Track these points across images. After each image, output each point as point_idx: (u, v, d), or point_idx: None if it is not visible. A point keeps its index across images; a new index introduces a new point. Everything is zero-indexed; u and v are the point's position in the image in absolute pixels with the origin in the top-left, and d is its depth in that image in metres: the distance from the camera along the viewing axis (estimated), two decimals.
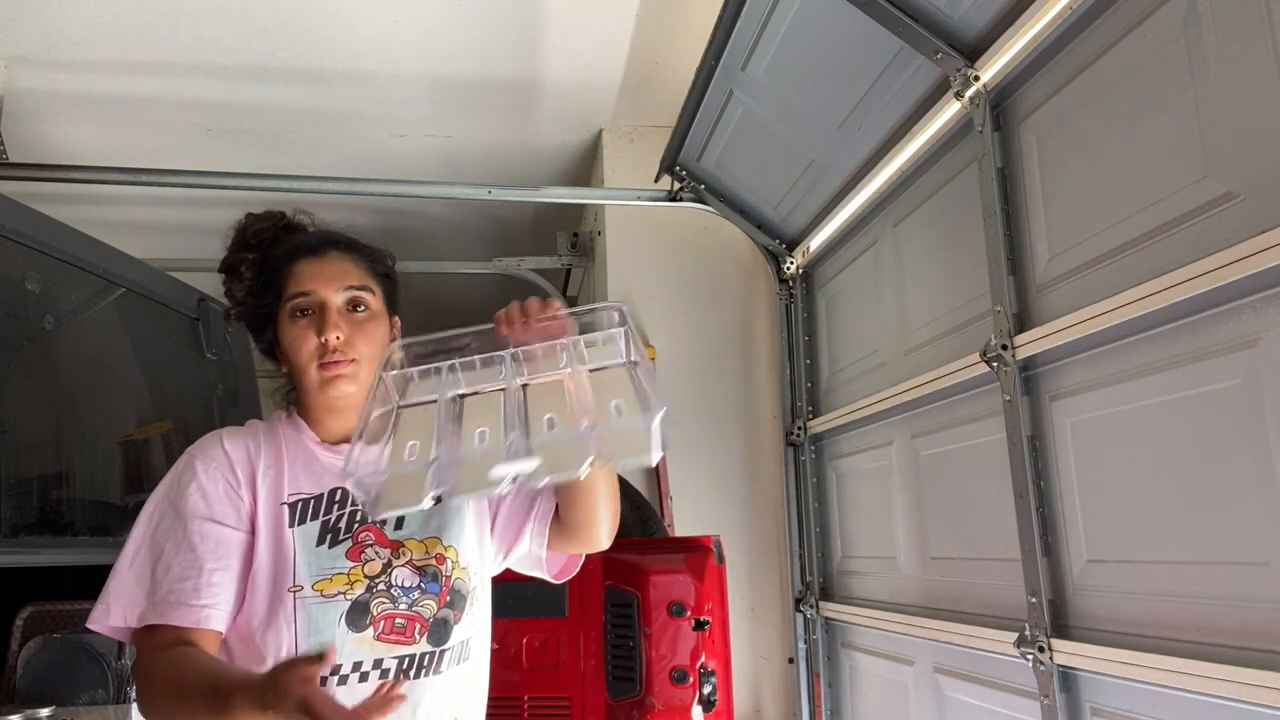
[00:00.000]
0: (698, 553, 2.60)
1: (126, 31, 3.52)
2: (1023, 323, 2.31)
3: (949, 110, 2.58)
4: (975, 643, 2.47)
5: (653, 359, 4.10)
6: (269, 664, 1.27)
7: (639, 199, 3.98)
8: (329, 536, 1.36)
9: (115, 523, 2.52)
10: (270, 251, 1.53)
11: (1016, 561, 2.27)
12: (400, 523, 1.41)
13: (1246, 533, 1.67)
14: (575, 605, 2.59)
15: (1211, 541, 1.75)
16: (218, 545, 1.32)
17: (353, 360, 1.42)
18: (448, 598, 1.41)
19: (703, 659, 2.44)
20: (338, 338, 1.41)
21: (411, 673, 1.35)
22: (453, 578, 1.42)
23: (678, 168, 3.79)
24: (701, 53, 3.05)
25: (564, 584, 2.63)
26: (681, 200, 3.87)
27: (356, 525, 1.38)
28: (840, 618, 3.49)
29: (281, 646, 1.30)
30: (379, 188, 4.02)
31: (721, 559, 2.62)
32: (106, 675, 2.17)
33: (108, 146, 4.28)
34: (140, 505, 1.40)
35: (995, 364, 2.33)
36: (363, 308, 1.47)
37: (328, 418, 1.48)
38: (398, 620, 1.35)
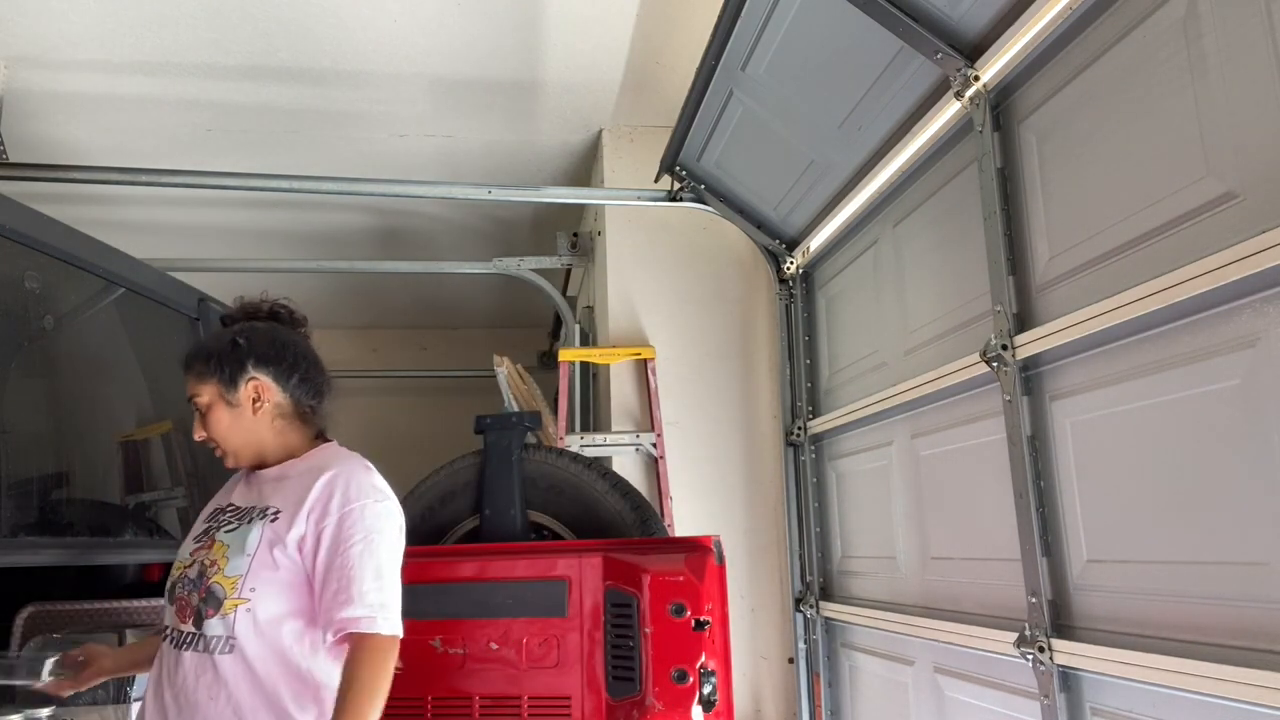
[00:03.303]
0: (698, 553, 2.60)
1: (126, 31, 3.52)
2: (1023, 323, 2.31)
3: (949, 110, 2.58)
4: (975, 643, 2.47)
5: (653, 359, 4.10)
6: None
7: (639, 199, 3.98)
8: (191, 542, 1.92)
9: (115, 523, 2.52)
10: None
11: (1016, 561, 2.27)
12: (222, 529, 1.82)
13: (1246, 533, 1.67)
14: (575, 605, 2.59)
15: (1211, 541, 1.75)
16: None
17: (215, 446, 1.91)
18: (204, 594, 1.73)
19: (703, 659, 2.43)
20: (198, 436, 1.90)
21: (177, 642, 1.74)
22: (211, 580, 1.73)
23: (678, 168, 3.79)
24: (701, 53, 3.05)
25: (564, 584, 2.64)
26: (681, 200, 3.87)
27: (200, 535, 1.89)
28: (840, 618, 3.49)
29: None
30: (379, 188, 4.02)
31: (721, 559, 2.61)
32: None
33: (108, 146, 4.29)
34: (140, 505, 1.45)
35: (995, 364, 2.33)
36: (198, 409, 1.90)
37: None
38: (182, 601, 1.76)
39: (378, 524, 1.73)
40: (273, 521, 1.73)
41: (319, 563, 1.70)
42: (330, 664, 1.72)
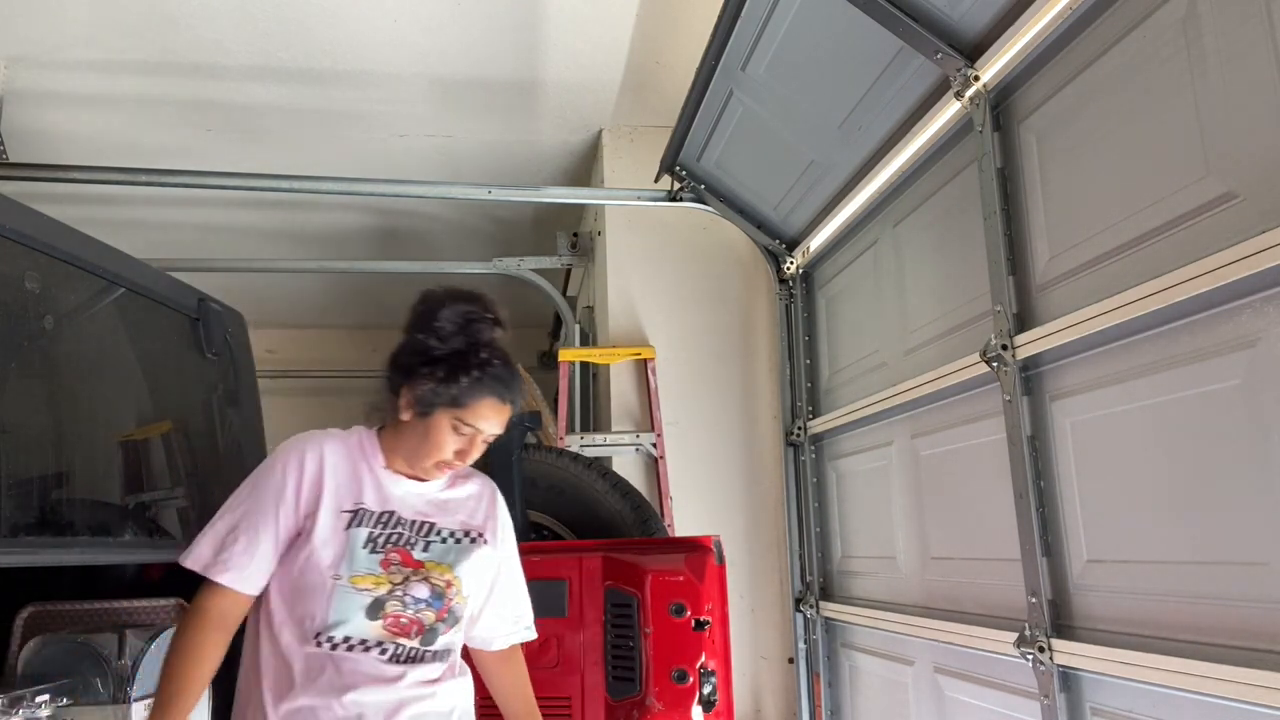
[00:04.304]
0: (698, 553, 2.60)
1: (126, 31, 3.52)
2: (1023, 323, 2.31)
3: (949, 110, 2.58)
4: (975, 643, 2.47)
5: (653, 359, 4.10)
6: (302, 626, 1.68)
7: (639, 199, 3.98)
8: (362, 544, 1.72)
9: (115, 523, 2.52)
10: (467, 370, 1.77)
11: (1016, 561, 2.27)
12: (426, 549, 1.79)
13: (1246, 533, 1.67)
14: (575, 605, 2.59)
15: (1211, 541, 1.75)
16: (275, 526, 1.72)
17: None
18: (445, 614, 1.78)
19: (703, 659, 2.43)
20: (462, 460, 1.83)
21: (411, 656, 1.74)
22: (453, 601, 1.79)
23: (678, 168, 3.79)
24: (701, 53, 3.05)
25: (564, 584, 2.64)
26: (681, 200, 3.87)
27: (382, 543, 1.74)
28: (840, 618, 3.48)
29: (316, 615, 1.69)
30: (379, 188, 4.02)
31: (721, 559, 2.61)
32: (107, 675, 2.17)
33: (108, 146, 4.29)
34: (140, 505, 1.46)
35: (995, 364, 2.33)
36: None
37: (406, 466, 1.83)
38: (405, 618, 1.74)
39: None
40: (485, 544, 1.87)
41: (500, 581, 1.94)
42: None
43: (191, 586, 1.73)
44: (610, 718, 2.50)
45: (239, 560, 1.68)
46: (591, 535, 3.17)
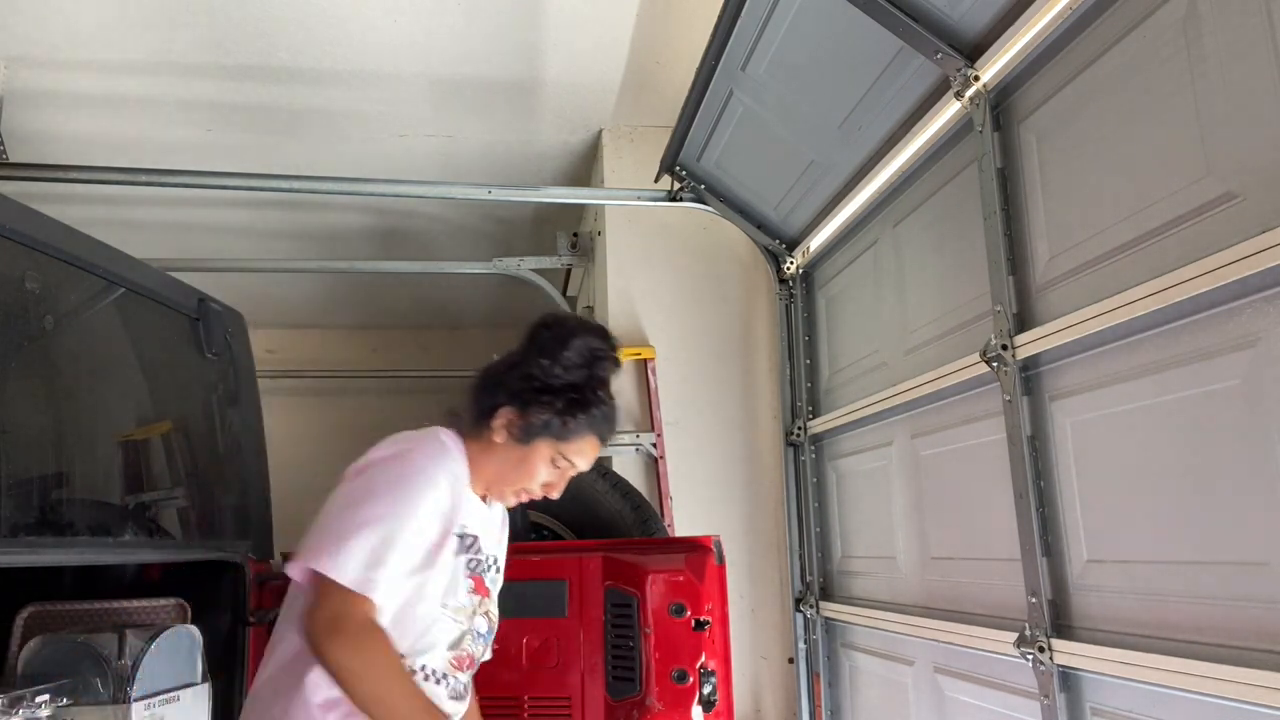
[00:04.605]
0: (698, 553, 2.60)
1: (126, 31, 3.52)
2: (1023, 323, 2.31)
3: (949, 110, 2.58)
4: (975, 643, 2.46)
5: (653, 359, 4.10)
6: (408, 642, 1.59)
7: (639, 199, 3.98)
8: (464, 572, 1.67)
9: (115, 523, 2.52)
10: (585, 406, 1.70)
11: (1016, 561, 2.27)
12: (491, 579, 1.76)
13: (1246, 533, 1.67)
14: (575, 605, 2.59)
15: (1211, 541, 1.75)
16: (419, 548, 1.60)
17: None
18: (488, 648, 1.77)
19: (703, 659, 2.43)
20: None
21: (458, 692, 1.70)
22: (493, 635, 1.78)
23: (678, 168, 3.79)
24: (701, 53, 3.05)
25: (564, 584, 2.64)
26: (681, 200, 3.87)
27: (472, 570, 1.69)
28: (840, 618, 3.48)
29: (407, 638, 1.59)
30: (379, 188, 4.02)
31: (721, 559, 2.61)
32: (107, 675, 2.17)
33: (108, 146, 4.28)
34: (140, 505, 1.44)
35: (995, 364, 2.33)
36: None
37: (481, 487, 1.76)
38: (466, 654, 1.70)
39: None
40: (500, 573, 1.85)
41: None
42: None
43: (192, 586, 1.72)
44: (610, 718, 2.50)
45: (389, 576, 1.54)
46: (591, 535, 3.17)
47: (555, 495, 1.75)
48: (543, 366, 1.69)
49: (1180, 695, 1.77)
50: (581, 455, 1.72)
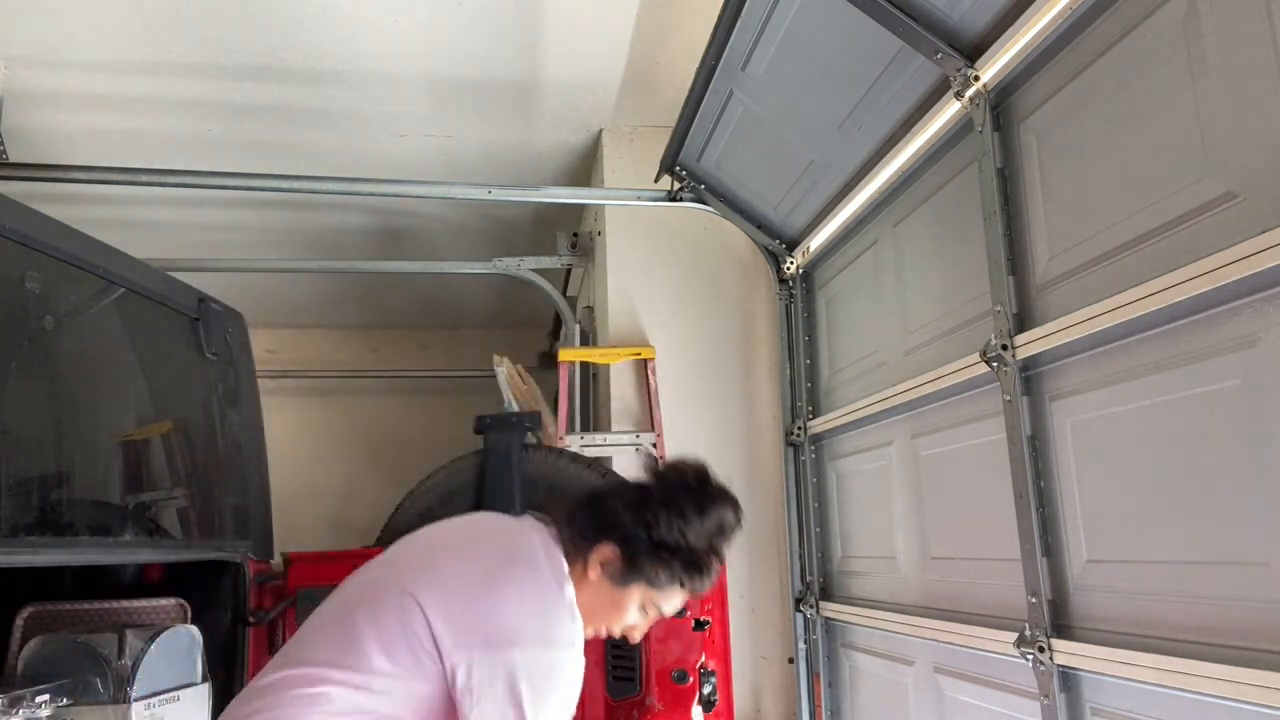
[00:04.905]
0: None
1: (126, 31, 3.52)
2: (1023, 323, 2.31)
3: (949, 110, 2.58)
4: (975, 643, 2.46)
5: (653, 359, 4.10)
6: None
7: (639, 199, 3.98)
8: None
9: (115, 523, 2.52)
10: (701, 573, 1.68)
11: (1016, 561, 2.27)
12: None
13: (1246, 533, 1.67)
14: None
15: (1211, 541, 1.75)
16: None
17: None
18: None
19: (703, 659, 2.43)
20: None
21: None
22: None
23: (678, 168, 3.79)
24: (701, 53, 3.05)
25: None
26: (681, 200, 3.87)
27: None
28: (840, 618, 3.48)
29: None
30: (379, 188, 4.02)
31: (722, 559, 2.61)
32: (107, 675, 2.18)
33: (108, 146, 4.28)
34: (140, 505, 1.42)
35: (995, 364, 2.33)
36: None
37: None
38: None
39: None
40: None
41: None
42: None
43: (192, 586, 1.72)
44: (610, 718, 2.50)
45: None
46: None
47: (635, 639, 1.70)
48: (669, 522, 1.63)
49: (1180, 695, 1.77)
50: (671, 604, 1.69)
